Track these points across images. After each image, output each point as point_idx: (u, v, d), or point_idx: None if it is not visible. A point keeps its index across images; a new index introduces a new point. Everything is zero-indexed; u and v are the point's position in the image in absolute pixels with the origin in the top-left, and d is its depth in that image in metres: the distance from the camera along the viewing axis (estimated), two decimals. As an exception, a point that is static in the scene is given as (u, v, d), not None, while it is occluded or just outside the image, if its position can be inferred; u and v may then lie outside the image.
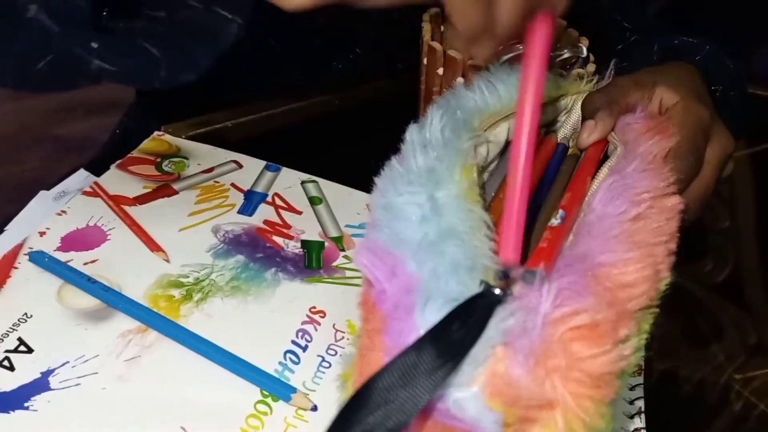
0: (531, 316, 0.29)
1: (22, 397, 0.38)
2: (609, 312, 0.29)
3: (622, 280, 0.31)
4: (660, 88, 0.46)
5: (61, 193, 0.52)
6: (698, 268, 0.64)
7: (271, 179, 0.55)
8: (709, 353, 0.55)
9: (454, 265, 0.31)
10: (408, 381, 0.27)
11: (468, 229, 0.33)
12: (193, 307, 0.44)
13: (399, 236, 0.32)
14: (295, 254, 0.49)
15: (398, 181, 0.35)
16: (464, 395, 0.28)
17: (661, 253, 0.34)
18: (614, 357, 0.28)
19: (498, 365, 0.28)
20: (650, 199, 0.36)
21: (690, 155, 0.43)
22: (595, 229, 0.34)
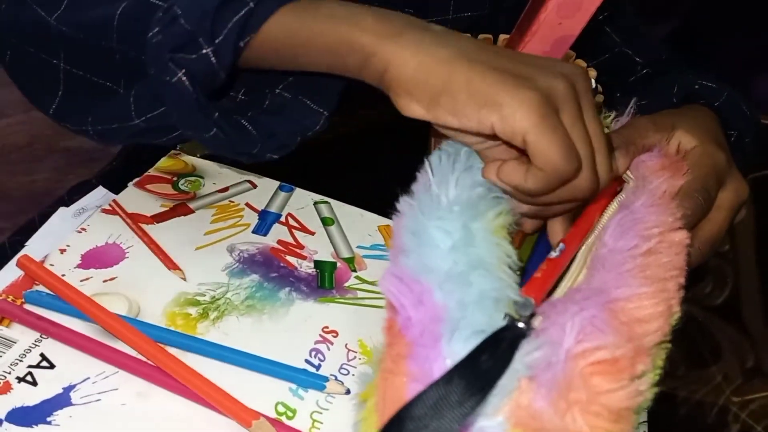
0: (555, 350, 0.30)
1: (45, 412, 0.39)
2: (628, 347, 0.30)
3: (637, 315, 0.33)
4: (679, 131, 0.47)
5: (80, 210, 0.53)
6: (698, 290, 0.65)
7: (285, 199, 0.56)
8: (708, 375, 0.57)
9: (481, 297, 0.32)
10: (438, 411, 0.28)
11: (495, 261, 0.33)
12: (209, 325, 0.45)
13: (427, 264, 0.33)
14: (308, 274, 0.50)
15: (428, 205, 0.35)
16: (489, 424, 0.29)
17: (672, 288, 0.36)
18: (632, 392, 0.30)
19: (522, 397, 0.29)
20: (659, 234, 0.37)
21: (699, 195, 0.44)
22: (608, 263, 0.36)
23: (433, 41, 0.38)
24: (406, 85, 0.38)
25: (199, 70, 0.40)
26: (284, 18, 0.41)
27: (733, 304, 0.64)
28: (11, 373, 0.41)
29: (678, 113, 0.51)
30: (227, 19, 0.40)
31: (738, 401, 0.54)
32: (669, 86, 0.59)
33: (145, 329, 0.43)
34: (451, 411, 0.28)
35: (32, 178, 1.38)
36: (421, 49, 0.38)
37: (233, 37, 0.40)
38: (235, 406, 0.40)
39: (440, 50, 0.37)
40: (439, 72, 0.37)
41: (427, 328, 0.31)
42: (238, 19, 0.40)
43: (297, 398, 0.42)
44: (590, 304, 0.32)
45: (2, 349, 0.42)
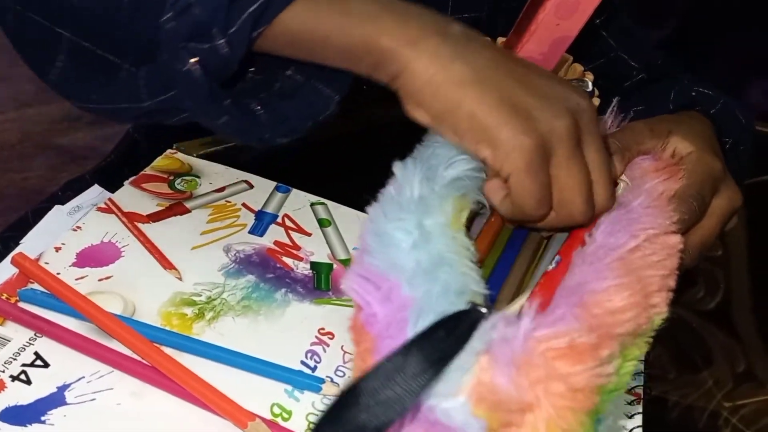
0: (512, 329, 0.31)
1: (39, 411, 0.39)
2: (590, 335, 0.31)
3: (608, 306, 0.33)
4: (675, 137, 0.47)
5: (76, 208, 0.53)
6: (690, 294, 0.65)
7: (282, 200, 0.56)
8: (699, 379, 0.57)
9: (445, 289, 0.33)
10: (394, 383, 0.29)
11: (455, 255, 0.35)
12: (205, 325, 0.45)
13: (393, 262, 0.34)
14: (304, 275, 0.50)
15: (390, 208, 0.36)
16: (452, 405, 0.30)
17: (655, 284, 0.36)
18: (594, 374, 0.30)
19: (483, 374, 0.30)
20: (652, 235, 0.38)
21: (693, 200, 0.44)
22: (589, 258, 0.36)
23: (450, 53, 0.38)
24: (415, 96, 0.39)
25: (212, 59, 0.40)
26: (301, 11, 0.40)
27: (724, 309, 0.64)
28: (5, 372, 0.41)
29: (674, 119, 0.52)
30: (242, 10, 0.39)
31: (729, 406, 0.55)
32: (665, 92, 0.59)
33: (141, 329, 0.43)
34: (405, 383, 0.29)
35: (24, 175, 1.37)
36: (436, 62, 0.38)
37: (247, 29, 0.40)
38: (231, 407, 0.40)
39: (454, 67, 0.38)
40: (448, 93, 0.38)
41: (394, 319, 0.32)
42: (253, 10, 0.39)
43: (293, 400, 0.42)
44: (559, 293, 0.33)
45: (-4, 347, 0.42)
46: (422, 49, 0.38)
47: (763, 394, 0.56)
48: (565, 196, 0.38)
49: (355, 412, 0.29)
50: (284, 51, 0.42)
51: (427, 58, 0.38)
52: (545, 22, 0.56)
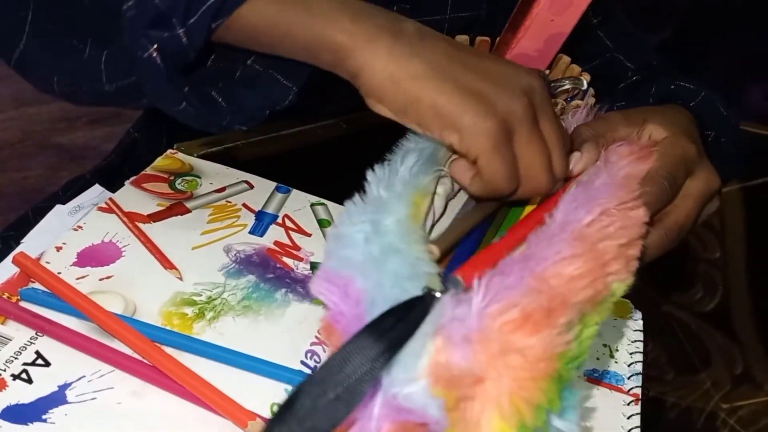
0: (462, 308, 0.31)
1: (40, 410, 0.39)
2: (543, 303, 0.31)
3: (563, 275, 0.34)
4: (650, 125, 0.48)
5: (76, 208, 0.53)
6: (688, 296, 0.65)
7: (282, 201, 0.56)
8: (697, 381, 0.57)
9: (396, 276, 0.33)
10: (345, 374, 0.29)
11: (406, 244, 0.35)
12: (205, 325, 0.45)
13: (347, 260, 0.35)
14: (304, 276, 0.50)
15: (353, 212, 0.38)
16: (414, 389, 0.30)
17: (611, 252, 0.37)
18: (552, 342, 0.31)
19: (439, 356, 0.30)
20: (609, 208, 0.39)
21: (664, 180, 0.45)
22: (545, 234, 0.37)
23: (406, 51, 0.40)
24: (376, 93, 0.41)
25: (171, 47, 0.41)
26: (262, 6, 0.41)
27: (723, 311, 0.65)
28: (6, 371, 0.41)
29: (650, 109, 0.52)
30: (202, 1, 0.40)
31: (727, 407, 0.55)
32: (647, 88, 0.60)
33: (141, 328, 0.43)
34: (356, 372, 0.29)
35: (24, 174, 1.37)
36: (393, 60, 0.40)
37: (206, 20, 0.40)
38: (231, 407, 0.40)
39: (411, 64, 0.40)
40: (408, 87, 0.40)
41: (352, 314, 0.33)
42: (213, 2, 0.40)
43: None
44: (513, 269, 0.34)
45: (-3, 346, 0.42)
46: (378, 47, 0.40)
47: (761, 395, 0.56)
48: (530, 171, 0.41)
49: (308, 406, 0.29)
50: (245, 43, 0.43)
51: (385, 56, 0.40)
52: (539, 18, 0.56)
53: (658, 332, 0.56)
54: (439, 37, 0.43)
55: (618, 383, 0.47)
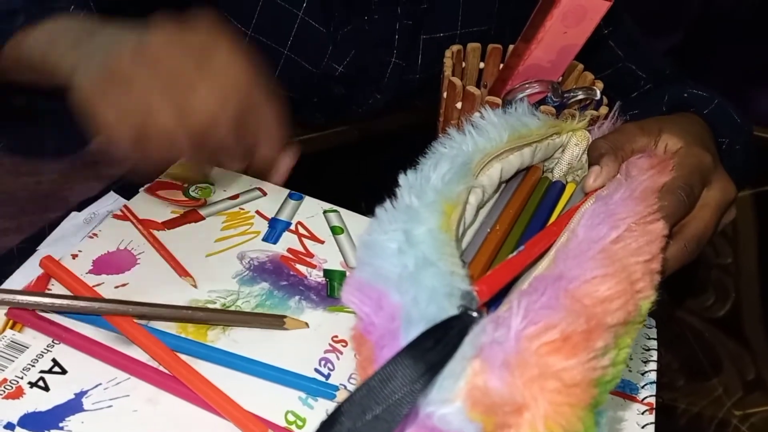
0: (502, 331, 0.31)
1: (57, 417, 0.40)
2: (581, 325, 0.31)
3: (596, 295, 0.34)
4: (665, 134, 0.48)
5: (92, 215, 0.54)
6: (700, 302, 0.65)
7: (295, 208, 0.56)
8: (708, 387, 0.57)
9: (432, 292, 0.33)
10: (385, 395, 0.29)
11: (440, 257, 0.35)
12: (219, 332, 0.46)
13: (380, 271, 0.34)
14: (317, 283, 0.50)
15: (384, 220, 0.37)
16: (449, 410, 0.30)
17: (639, 271, 0.37)
18: (589, 367, 0.31)
19: (477, 379, 0.30)
20: (631, 224, 0.38)
21: (681, 191, 0.45)
22: (573, 252, 0.37)
23: None
24: None
25: None
26: None
27: (734, 317, 0.64)
28: (24, 378, 0.41)
29: (665, 119, 0.52)
30: None
31: (739, 414, 0.55)
32: (660, 96, 0.60)
33: (156, 336, 0.44)
34: (399, 392, 0.29)
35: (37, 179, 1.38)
36: None
37: None
38: (245, 418, 0.40)
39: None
40: None
41: (386, 329, 0.32)
42: None
43: (307, 407, 0.42)
44: (546, 289, 0.33)
45: (14, 353, 0.43)
46: None
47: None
48: None
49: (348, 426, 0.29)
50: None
51: None
52: (553, 30, 0.56)
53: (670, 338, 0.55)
54: None
55: (632, 392, 0.47)
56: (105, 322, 0.44)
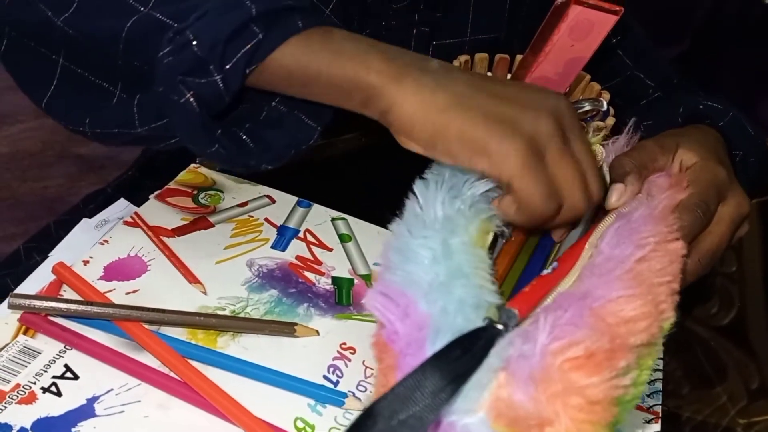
0: (529, 345, 0.31)
1: (70, 422, 0.40)
2: (605, 344, 0.31)
3: (622, 315, 0.34)
4: (681, 149, 0.48)
5: (102, 222, 0.54)
6: (704, 309, 0.65)
7: (303, 215, 0.57)
8: (713, 395, 0.57)
9: (461, 303, 0.33)
10: (412, 401, 0.30)
11: (473, 270, 0.35)
12: (229, 339, 0.46)
13: (411, 277, 0.35)
14: (326, 290, 0.51)
15: (415, 226, 0.37)
16: (472, 421, 0.31)
17: (663, 293, 0.37)
18: (611, 385, 0.31)
19: (501, 391, 0.31)
20: (654, 243, 0.39)
21: (698, 208, 0.45)
22: (598, 270, 0.37)
23: (432, 85, 0.41)
24: (405, 127, 0.41)
25: (207, 93, 0.42)
26: (294, 49, 0.42)
27: (739, 325, 0.65)
28: (36, 384, 0.42)
29: (681, 133, 0.52)
30: (237, 49, 0.41)
31: (743, 423, 0.55)
32: (674, 107, 0.60)
33: (167, 342, 0.44)
34: (423, 402, 0.30)
35: (44, 184, 1.39)
36: (420, 93, 0.41)
37: (242, 65, 0.41)
38: (255, 424, 0.41)
39: (438, 96, 0.40)
40: (435, 119, 0.40)
41: (413, 337, 0.33)
42: (248, 49, 0.41)
43: (316, 414, 0.43)
44: (571, 305, 0.34)
45: (27, 359, 0.43)
46: (406, 84, 0.41)
47: (778, 411, 0.56)
48: (565, 189, 0.40)
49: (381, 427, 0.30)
50: (278, 87, 0.44)
51: (412, 92, 0.41)
52: (560, 44, 0.57)
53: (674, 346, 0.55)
54: (463, 71, 0.44)
55: (638, 400, 0.47)
56: (116, 328, 0.45)
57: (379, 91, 0.41)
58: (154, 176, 0.77)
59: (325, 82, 0.42)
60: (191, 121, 0.42)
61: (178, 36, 0.41)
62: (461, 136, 0.40)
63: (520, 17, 0.67)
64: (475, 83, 0.42)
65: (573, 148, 0.41)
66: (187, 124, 0.42)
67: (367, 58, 0.42)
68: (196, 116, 0.41)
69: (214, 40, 0.41)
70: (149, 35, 0.43)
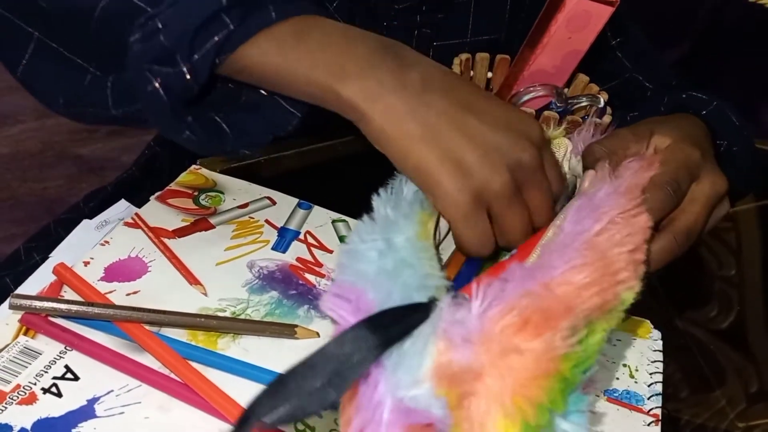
0: (462, 312, 0.32)
1: (70, 423, 0.40)
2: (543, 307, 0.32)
3: (573, 283, 0.35)
4: (656, 135, 0.49)
5: (103, 223, 0.54)
6: (703, 313, 0.66)
7: (303, 217, 0.57)
8: (712, 399, 0.57)
9: (405, 287, 0.34)
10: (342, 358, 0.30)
11: (418, 260, 0.37)
12: (230, 341, 0.46)
13: (360, 273, 0.36)
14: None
15: (362, 231, 0.39)
16: (419, 392, 0.31)
17: (622, 260, 0.38)
18: (554, 344, 0.31)
19: (441, 358, 0.31)
20: (615, 216, 0.39)
21: (667, 186, 0.45)
22: (556, 246, 0.38)
23: (402, 110, 0.42)
24: (374, 139, 0.43)
25: (174, 83, 0.41)
26: (267, 45, 0.42)
27: (738, 329, 0.65)
28: (37, 384, 0.42)
29: (657, 120, 0.53)
30: (206, 40, 0.41)
31: (742, 426, 0.55)
32: (659, 99, 0.60)
33: (167, 343, 0.44)
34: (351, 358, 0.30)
35: (44, 184, 1.39)
36: (389, 118, 0.42)
37: (210, 57, 0.41)
38: (256, 423, 0.41)
39: (405, 124, 0.42)
40: (397, 146, 0.42)
41: None
42: (217, 40, 0.41)
43: (316, 415, 0.43)
44: (515, 276, 0.34)
45: (28, 360, 0.43)
46: (377, 106, 0.42)
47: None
48: (506, 235, 0.43)
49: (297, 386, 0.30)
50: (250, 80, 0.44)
51: (381, 114, 0.42)
52: (557, 36, 0.57)
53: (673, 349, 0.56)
54: (444, 88, 0.44)
55: (638, 403, 0.47)
56: (116, 329, 0.45)
57: (350, 106, 0.42)
58: (154, 177, 0.77)
59: (297, 87, 0.43)
60: (160, 108, 0.42)
61: (149, 22, 0.41)
62: (417, 167, 0.41)
63: (520, 18, 0.67)
64: (450, 111, 0.42)
65: (528, 197, 0.43)
66: (155, 111, 0.42)
67: (343, 69, 0.42)
68: (164, 104, 0.41)
69: (182, 30, 0.40)
70: (122, 17, 0.43)
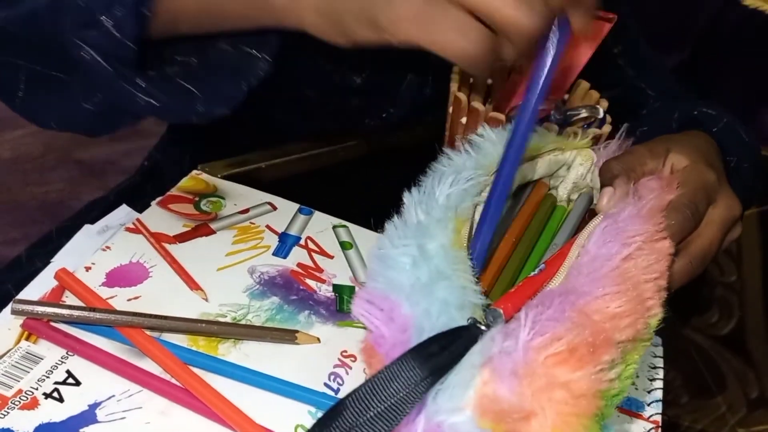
0: (510, 341, 0.32)
1: (72, 428, 0.40)
2: (588, 338, 0.32)
3: (606, 312, 0.34)
4: (673, 153, 0.49)
5: (104, 228, 0.54)
6: (704, 319, 0.66)
7: (304, 222, 0.57)
8: (712, 405, 0.57)
9: (444, 304, 0.34)
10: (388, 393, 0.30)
11: (453, 271, 0.36)
12: (230, 346, 0.46)
13: (393, 283, 0.35)
14: (327, 298, 0.51)
15: (394, 235, 0.38)
16: (459, 419, 0.31)
17: (649, 290, 0.37)
18: (595, 379, 0.31)
19: (486, 388, 0.31)
20: (641, 242, 0.39)
21: (686, 209, 0.45)
22: (585, 269, 0.37)
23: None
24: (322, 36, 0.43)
25: (106, 44, 0.41)
26: None
27: (738, 335, 0.65)
28: (38, 389, 0.42)
29: (672, 138, 0.53)
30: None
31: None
32: (670, 113, 0.60)
33: (168, 349, 0.44)
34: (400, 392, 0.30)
35: (45, 188, 1.39)
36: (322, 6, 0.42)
37: (132, 8, 0.41)
38: (255, 430, 0.41)
39: None
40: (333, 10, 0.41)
41: (397, 340, 0.33)
42: None
43: (316, 421, 0.43)
44: (553, 302, 0.34)
45: (29, 365, 0.43)
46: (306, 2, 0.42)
47: (777, 420, 0.56)
48: None
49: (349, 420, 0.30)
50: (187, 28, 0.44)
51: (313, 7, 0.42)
52: None
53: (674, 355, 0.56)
54: None
55: (638, 410, 0.47)
56: (118, 335, 0.45)
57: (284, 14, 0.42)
58: (155, 183, 0.77)
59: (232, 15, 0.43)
60: (104, 77, 0.41)
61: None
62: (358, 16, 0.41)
63: None
64: None
65: None
66: (101, 81, 0.42)
67: None
68: (106, 70, 0.41)
69: None
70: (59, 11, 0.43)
